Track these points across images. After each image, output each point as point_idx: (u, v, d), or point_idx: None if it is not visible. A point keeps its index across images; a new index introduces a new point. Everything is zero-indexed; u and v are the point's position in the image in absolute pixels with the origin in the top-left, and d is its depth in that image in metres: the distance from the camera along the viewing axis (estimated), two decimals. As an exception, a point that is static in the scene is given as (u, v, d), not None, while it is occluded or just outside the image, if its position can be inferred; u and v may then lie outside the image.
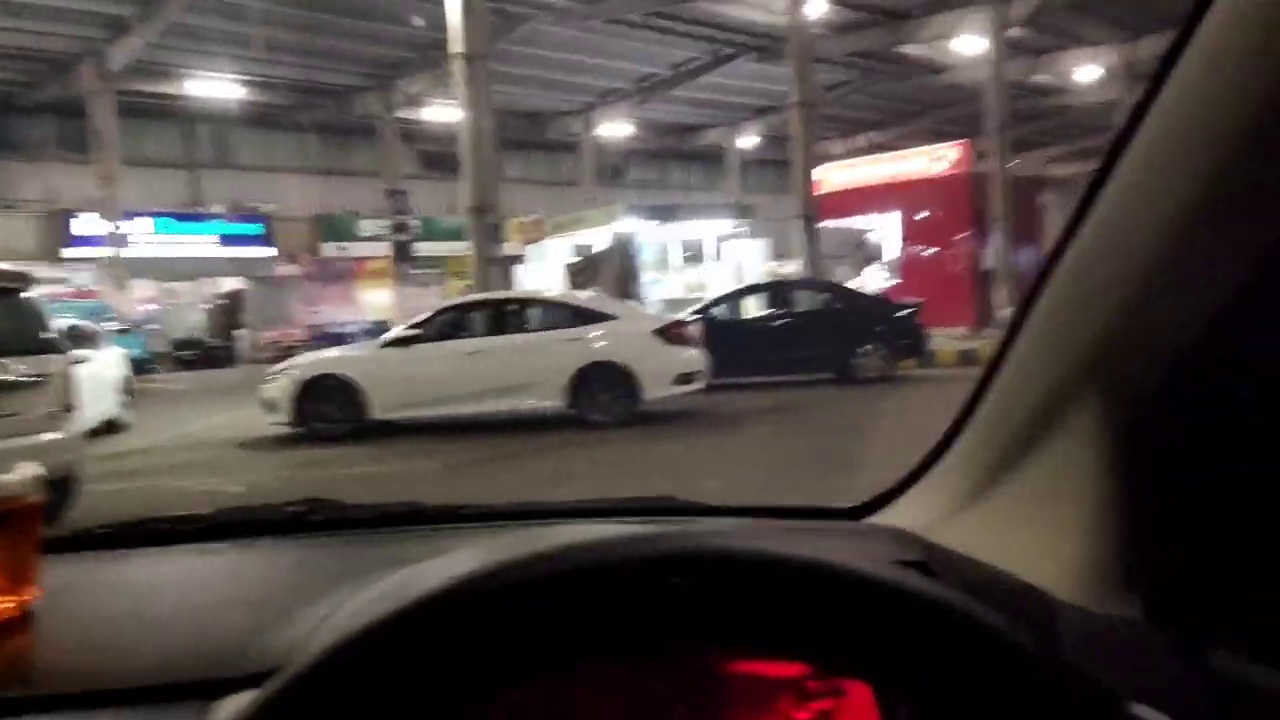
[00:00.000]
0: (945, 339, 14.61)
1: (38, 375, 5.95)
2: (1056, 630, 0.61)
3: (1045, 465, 0.73)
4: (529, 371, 9.49)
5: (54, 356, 6.13)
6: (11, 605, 0.79)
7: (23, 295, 6.26)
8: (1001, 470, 0.78)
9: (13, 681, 0.70)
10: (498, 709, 0.52)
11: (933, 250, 21.07)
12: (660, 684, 0.59)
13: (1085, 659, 0.56)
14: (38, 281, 6.60)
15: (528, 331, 10.08)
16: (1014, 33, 22.18)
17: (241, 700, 0.59)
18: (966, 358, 13.74)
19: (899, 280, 20.07)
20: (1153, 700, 0.52)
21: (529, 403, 9.54)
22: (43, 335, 6.18)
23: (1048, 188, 23.54)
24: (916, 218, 21.52)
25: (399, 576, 0.62)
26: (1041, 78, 27.52)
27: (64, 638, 0.77)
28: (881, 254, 21.76)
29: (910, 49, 24.40)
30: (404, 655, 0.49)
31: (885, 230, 22.05)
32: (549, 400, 9.48)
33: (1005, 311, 18.85)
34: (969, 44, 22.38)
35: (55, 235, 23.55)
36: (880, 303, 13.92)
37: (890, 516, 0.94)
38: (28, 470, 0.81)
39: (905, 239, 21.63)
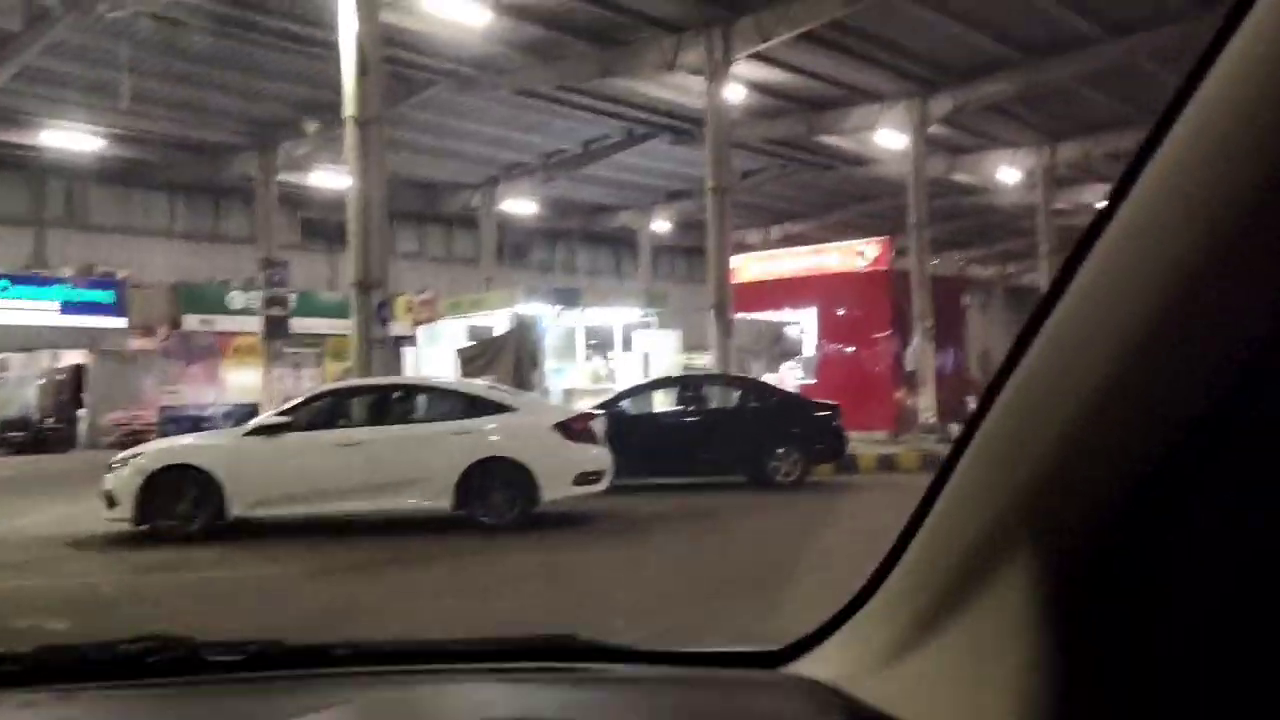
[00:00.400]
0: (864, 443, 14.89)
1: None
2: None
3: (978, 617, 0.72)
4: (414, 467, 9.31)
5: None
6: None
7: None
8: (932, 620, 0.78)
9: None
10: None
11: (851, 349, 21.70)
12: None
13: None
14: None
15: (414, 422, 9.96)
16: (935, 130, 23.45)
17: None
18: (886, 463, 14.00)
19: (816, 379, 20.50)
20: None
21: (412, 501, 9.32)
22: None
23: (969, 288, 24.63)
24: (835, 314, 22.21)
25: None
26: (962, 177, 29.06)
27: None
28: (799, 350, 22.25)
29: (830, 140, 25.46)
30: None
31: (803, 326, 22.62)
32: (435, 499, 9.25)
33: (927, 416, 19.43)
34: (889, 138, 23.54)
35: None
36: (798, 402, 14.14)
37: (810, 664, 0.93)
38: None
39: (823, 336, 22.25)
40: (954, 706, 0.72)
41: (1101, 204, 0.63)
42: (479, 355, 16.92)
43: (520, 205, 30.45)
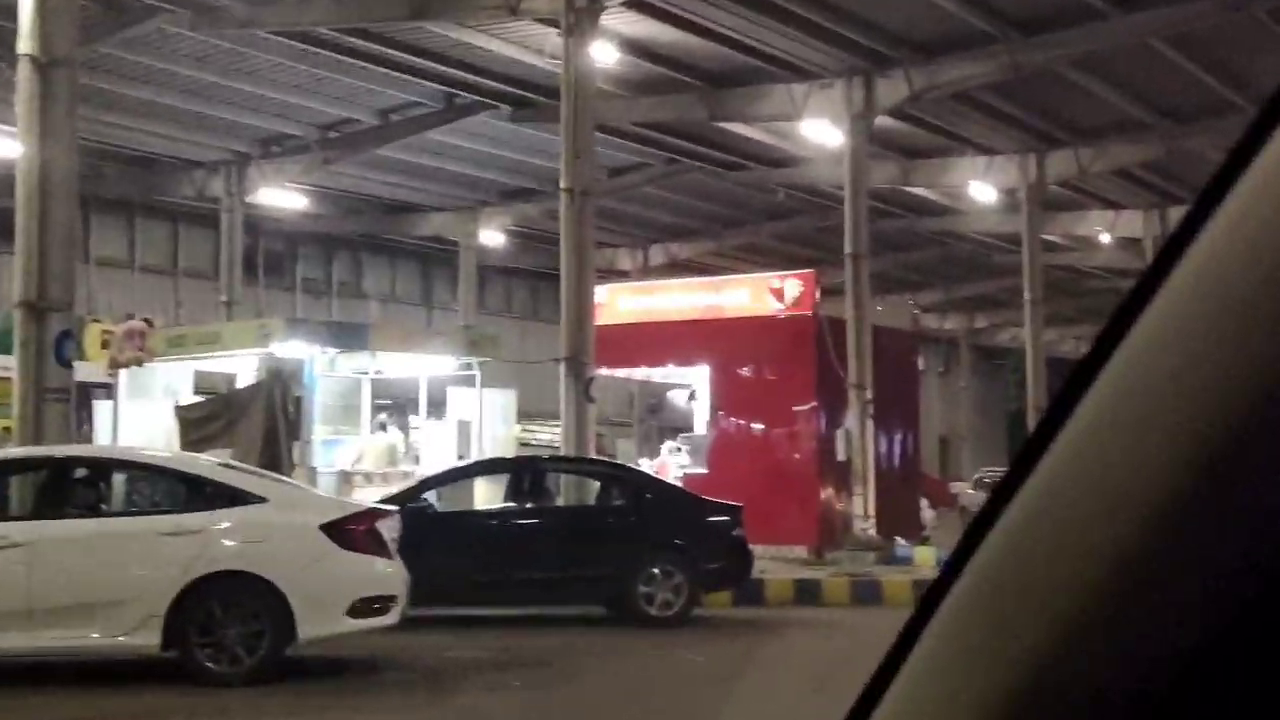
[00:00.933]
0: (776, 562, 15.00)
1: None
2: None
3: None
4: (103, 583, 9.17)
5: None
6: None
7: None
8: None
9: None
10: None
11: (761, 426, 21.86)
12: None
13: None
14: None
15: (105, 515, 9.93)
16: (884, 122, 23.98)
17: None
18: (806, 593, 14.10)
19: (710, 468, 20.57)
20: None
21: (96, 637, 9.11)
22: None
23: (924, 346, 25.15)
24: (739, 375, 22.34)
25: None
26: (920, 190, 29.87)
27: None
28: (688, 425, 22.33)
29: (738, 129, 25.82)
30: None
31: (693, 389, 22.69)
32: (133, 635, 9.06)
33: (864, 527, 19.72)
34: (820, 130, 23.94)
35: None
36: (684, 500, 14.16)
37: None
38: None
39: (721, 406, 22.33)
40: None
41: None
42: (212, 418, 16.58)
43: (283, 197, 29.98)
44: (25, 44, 12.88)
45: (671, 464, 20.53)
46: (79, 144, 13.49)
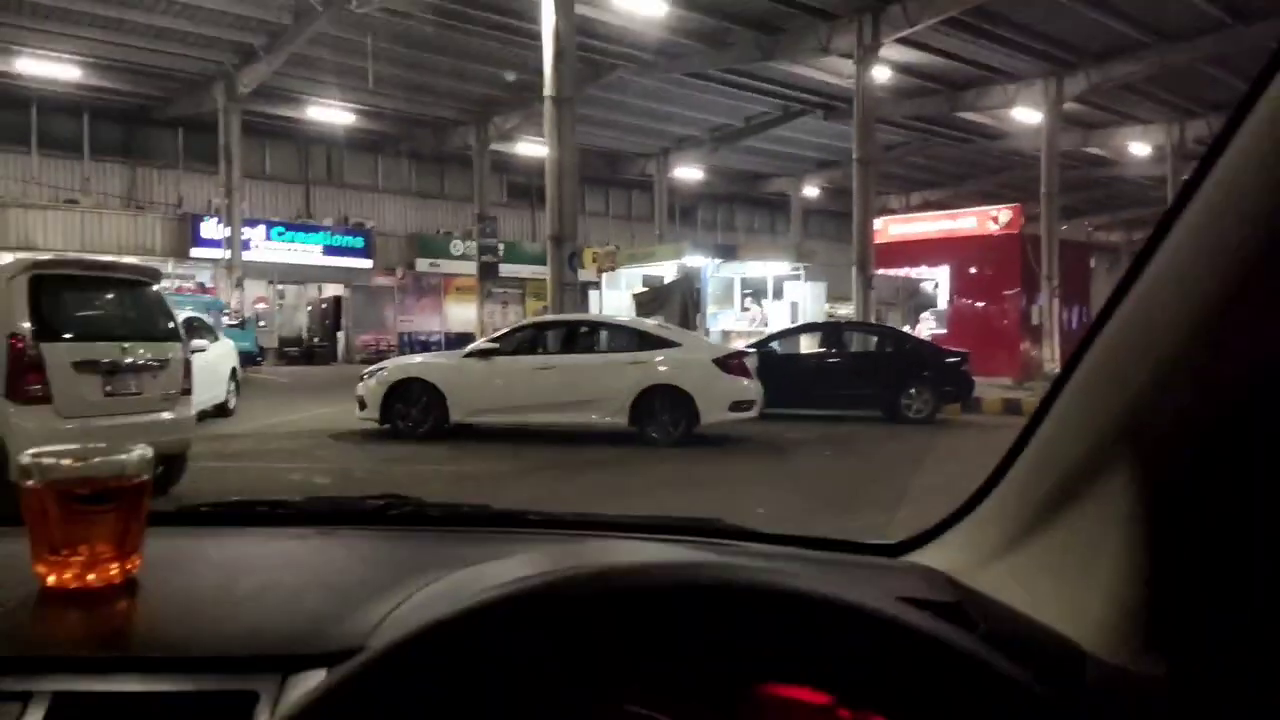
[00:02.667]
0: (991, 388, 14.24)
1: (160, 360, 6.10)
2: (1079, 682, 0.59)
3: (1080, 519, 0.70)
4: (595, 389, 9.44)
5: (173, 344, 6.28)
6: (116, 572, 0.78)
7: (151, 288, 6.44)
8: (1037, 520, 0.75)
9: (112, 643, 0.71)
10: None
11: (982, 304, 20.71)
12: (696, 703, 0.59)
13: (1103, 713, 0.55)
14: (167, 277, 6.78)
15: (596, 352, 10.05)
16: (1069, 106, 21.85)
17: (313, 678, 0.63)
18: (1011, 407, 13.39)
19: (948, 330, 19.71)
20: None
21: (594, 418, 9.48)
22: (165, 325, 6.35)
23: (1094, 252, 23.01)
24: (968, 272, 21.18)
25: (460, 576, 0.63)
26: (1094, 150, 27.03)
27: (160, 605, 0.78)
28: (934, 303, 21.41)
29: (969, 116, 24.12)
30: (456, 655, 0.50)
31: (937, 282, 21.72)
32: (613, 417, 9.40)
33: (1051, 366, 18.40)
34: (1025, 114, 22.10)
35: (183, 237, 24.36)
36: (930, 348, 13.60)
37: (926, 556, 0.92)
38: (139, 452, 0.80)
39: (956, 291, 21.28)
40: (1057, 596, 0.70)
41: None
42: (650, 299, 17.03)
43: (688, 172, 30.29)
44: (547, 89, 13.46)
45: (923, 327, 19.77)
46: (576, 146, 14.03)
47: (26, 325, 5.43)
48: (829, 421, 11.48)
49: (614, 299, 19.24)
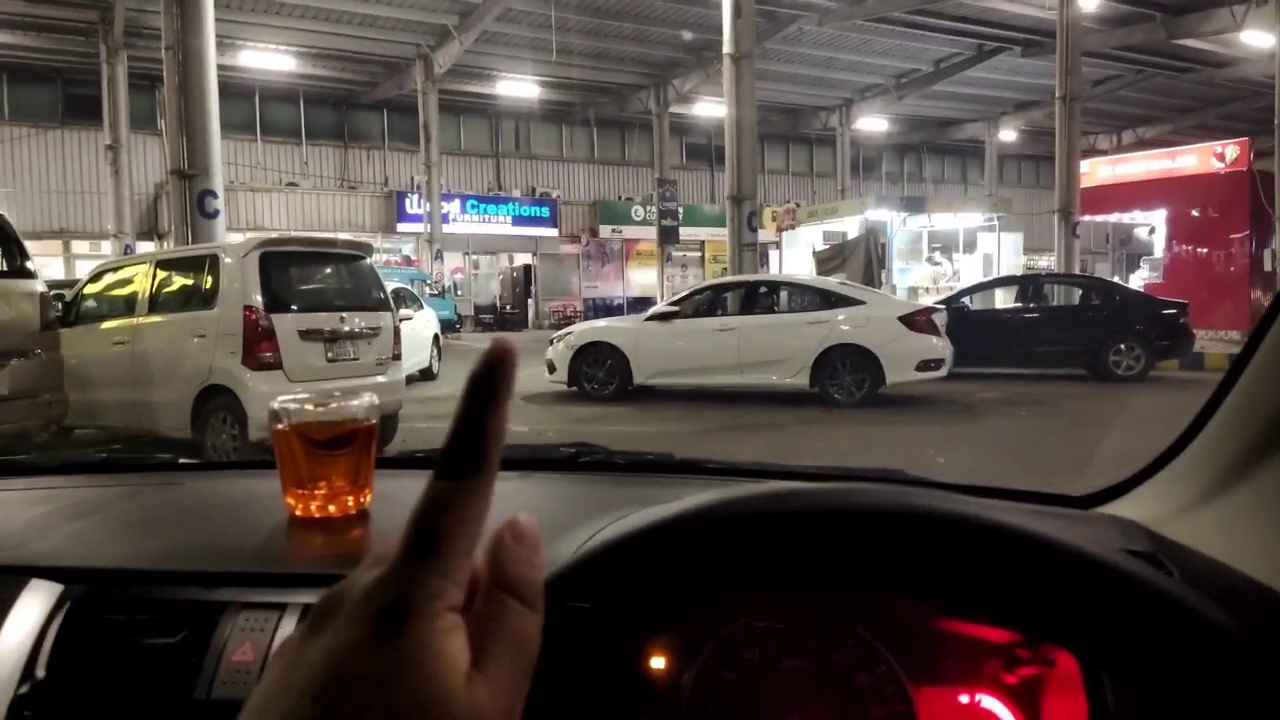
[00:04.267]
0: (1215, 342, 12.96)
1: (373, 328, 6.66)
2: (1278, 631, 0.57)
3: None
4: (776, 350, 9.39)
5: (385, 314, 6.83)
6: (352, 504, 0.90)
7: (365, 262, 7.01)
8: (1237, 470, 0.73)
9: (351, 562, 0.80)
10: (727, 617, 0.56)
11: (1205, 250, 18.76)
12: (874, 634, 0.60)
13: None
14: (376, 251, 7.36)
15: (777, 313, 9.97)
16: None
17: None
18: (1235, 362, 12.11)
19: (1165, 279, 18.04)
20: None
21: (775, 378, 9.43)
22: (377, 295, 6.90)
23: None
24: (1189, 215, 19.22)
25: (646, 512, 0.68)
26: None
27: (389, 531, 0.88)
28: (1149, 251, 19.62)
29: (1189, 43, 21.66)
30: (648, 559, 0.53)
31: (1153, 227, 19.85)
32: (794, 378, 9.32)
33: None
34: (1255, 38, 19.59)
35: (390, 213, 26.15)
36: (1141, 299, 12.49)
37: (1120, 508, 0.89)
38: (367, 399, 0.91)
39: (1174, 237, 19.37)
40: (1258, 545, 0.68)
41: None
42: (833, 257, 16.61)
43: (872, 123, 29.10)
44: (726, 46, 13.36)
45: (1137, 277, 18.20)
46: (755, 104, 13.84)
47: (259, 298, 6.07)
48: (1027, 381, 10.86)
49: (795, 258, 18.96)
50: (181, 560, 0.81)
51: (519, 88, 24.79)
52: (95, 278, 7.24)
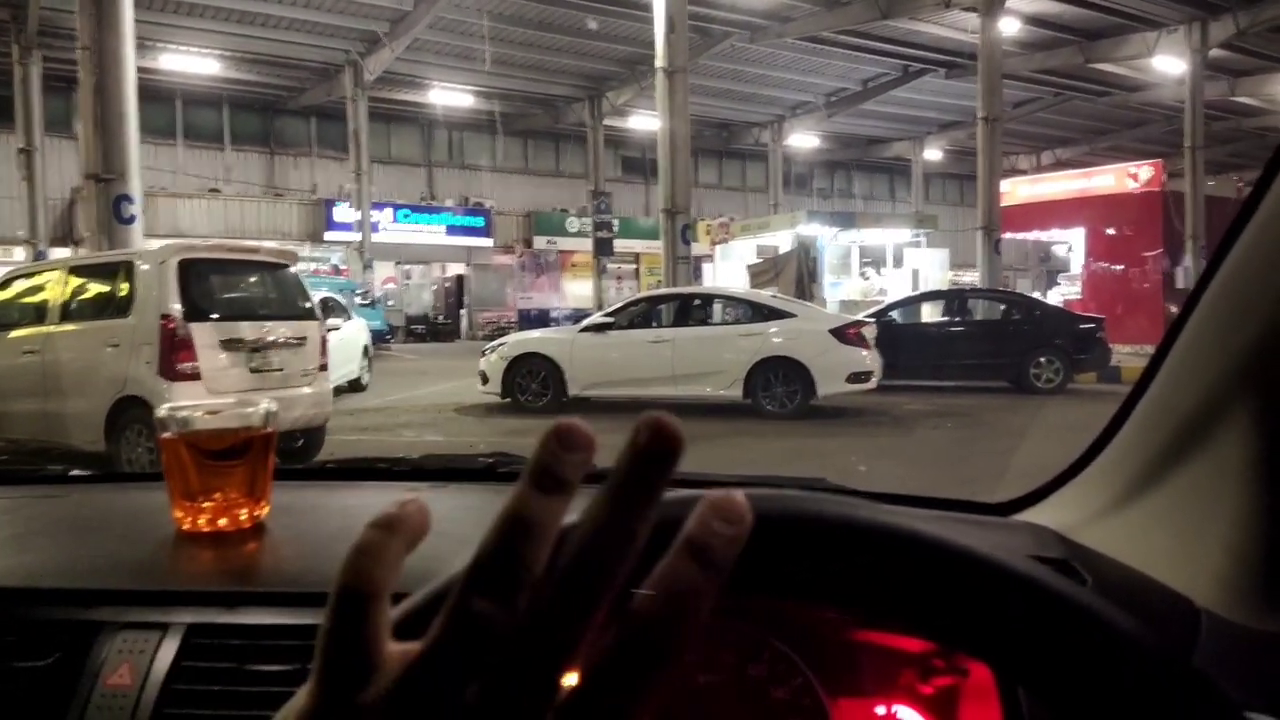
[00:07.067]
0: (1131, 355, 13.46)
1: (298, 338, 6.47)
2: (1191, 636, 0.58)
3: (1195, 473, 0.69)
4: (710, 361, 9.45)
5: (311, 323, 6.65)
6: (246, 518, 0.85)
7: (289, 271, 6.83)
8: (1151, 476, 0.74)
9: (241, 579, 0.78)
10: None
11: (1120, 267, 19.54)
12: (790, 646, 0.59)
13: (1216, 668, 0.53)
14: (302, 260, 7.19)
15: (711, 325, 10.05)
16: (1215, 53, 20.23)
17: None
18: (1149, 375, 12.59)
19: (1084, 295, 18.74)
20: None
21: (709, 390, 9.49)
22: (303, 305, 6.72)
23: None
24: (1105, 233, 20.00)
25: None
26: (1242, 98, 24.94)
27: (285, 546, 0.85)
28: (1067, 267, 20.35)
29: (1105, 67, 22.64)
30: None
31: (1070, 245, 20.62)
32: (727, 389, 9.39)
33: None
34: (1166, 64, 20.60)
35: (318, 221, 25.61)
36: (1060, 314, 12.94)
37: (1036, 515, 0.90)
38: (264, 405, 0.86)
39: (1091, 254, 20.13)
40: (1171, 551, 0.69)
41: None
42: (765, 270, 16.81)
43: (804, 140, 29.67)
44: (659, 60, 13.45)
45: (1055, 293, 18.86)
46: (690, 117, 13.94)
47: (177, 306, 5.86)
48: (952, 393, 11.12)
49: (728, 271, 19.14)
50: (57, 577, 0.76)
51: (452, 97, 24.58)
52: (4, 284, 6.91)
